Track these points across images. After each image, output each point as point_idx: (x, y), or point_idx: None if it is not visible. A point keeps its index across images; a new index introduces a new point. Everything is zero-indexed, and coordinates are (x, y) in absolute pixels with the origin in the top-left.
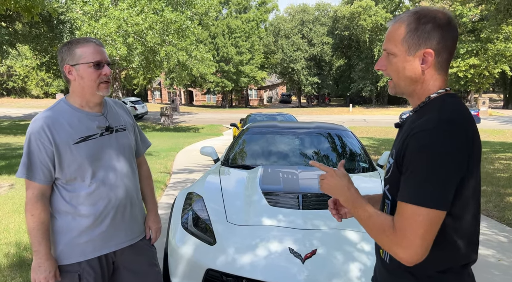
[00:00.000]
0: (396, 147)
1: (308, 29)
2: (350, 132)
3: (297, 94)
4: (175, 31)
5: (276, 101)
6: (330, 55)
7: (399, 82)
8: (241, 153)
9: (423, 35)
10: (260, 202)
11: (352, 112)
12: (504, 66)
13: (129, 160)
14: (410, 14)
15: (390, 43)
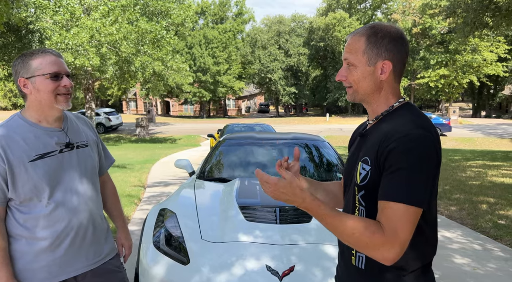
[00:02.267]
0: (370, 154)
1: (284, 40)
2: (326, 142)
3: (275, 104)
4: (150, 41)
5: (255, 111)
6: (307, 65)
7: (358, 90)
8: (218, 165)
9: (381, 48)
10: (237, 217)
11: (329, 121)
12: (472, 76)
13: (91, 178)
14: (368, 28)
15: (350, 54)
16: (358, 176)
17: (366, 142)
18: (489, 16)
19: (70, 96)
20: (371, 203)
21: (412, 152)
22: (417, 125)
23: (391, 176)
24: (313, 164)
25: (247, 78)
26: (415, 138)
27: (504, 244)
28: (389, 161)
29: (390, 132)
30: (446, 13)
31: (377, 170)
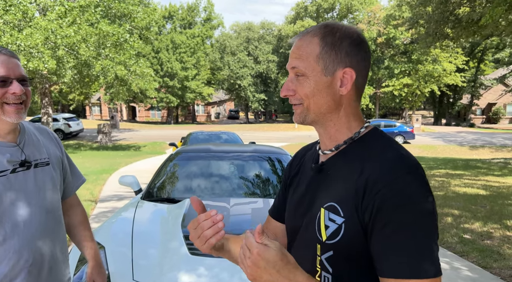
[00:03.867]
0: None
1: (253, 46)
2: (289, 156)
3: (245, 110)
4: (112, 45)
5: (224, 117)
6: (276, 72)
7: (311, 108)
8: (167, 183)
9: (341, 52)
10: (179, 250)
11: (298, 128)
12: (433, 85)
13: (51, 204)
14: (322, 27)
15: (300, 61)
16: (322, 230)
17: (326, 180)
18: (450, 27)
19: (24, 106)
20: (342, 268)
21: (413, 200)
22: (408, 166)
23: (396, 239)
24: (274, 179)
25: (216, 84)
26: (413, 182)
27: (471, 261)
28: (384, 216)
29: (373, 175)
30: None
31: (357, 225)
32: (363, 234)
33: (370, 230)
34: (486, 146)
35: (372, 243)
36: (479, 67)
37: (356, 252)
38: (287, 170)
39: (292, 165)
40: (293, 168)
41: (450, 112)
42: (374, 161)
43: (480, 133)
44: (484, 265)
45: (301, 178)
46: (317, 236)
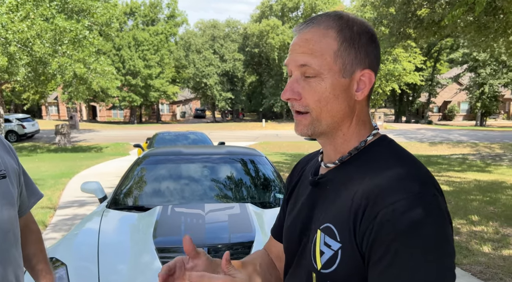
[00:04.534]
0: (337, 222)
1: (219, 45)
2: (264, 157)
3: (212, 109)
4: (70, 41)
5: (190, 117)
6: (242, 71)
7: (323, 117)
8: (135, 189)
9: (361, 50)
10: (152, 265)
11: (265, 127)
12: (394, 84)
13: (9, 222)
14: (336, 17)
15: (313, 58)
16: (317, 257)
17: (324, 196)
18: (412, 27)
19: None
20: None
21: (423, 227)
22: (418, 184)
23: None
24: (250, 183)
25: (181, 83)
26: (425, 203)
27: None
28: (383, 243)
29: (374, 193)
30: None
31: (356, 251)
32: (362, 262)
33: (368, 258)
34: (444, 142)
35: (370, 276)
36: (436, 67)
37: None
38: (287, 183)
39: (292, 177)
40: (292, 181)
41: (410, 110)
42: (376, 176)
43: (438, 130)
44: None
45: (299, 192)
46: (312, 263)
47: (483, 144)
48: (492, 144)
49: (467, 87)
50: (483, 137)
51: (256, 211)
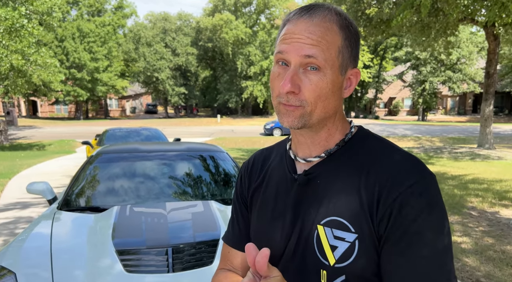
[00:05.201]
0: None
1: (171, 38)
2: (225, 153)
3: (164, 104)
4: (5, 31)
5: (141, 112)
6: (196, 66)
7: (317, 112)
8: (89, 189)
9: (355, 49)
10: (113, 268)
11: (221, 123)
12: None
13: None
14: (335, 13)
15: (320, 51)
16: (328, 252)
17: (316, 192)
18: (362, 26)
19: None
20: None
21: (433, 207)
22: (418, 164)
23: (416, 252)
24: (212, 180)
25: (131, 77)
26: (430, 185)
27: None
28: (402, 225)
29: (387, 180)
30: None
31: (373, 239)
32: (378, 248)
33: (385, 241)
34: (390, 136)
35: (388, 255)
36: (382, 65)
37: (372, 270)
38: (245, 183)
39: (251, 175)
40: (253, 179)
41: (358, 105)
42: (384, 164)
43: (384, 125)
44: None
45: (269, 191)
46: (320, 261)
47: (425, 137)
48: (433, 137)
49: (410, 84)
50: (425, 131)
51: (220, 208)
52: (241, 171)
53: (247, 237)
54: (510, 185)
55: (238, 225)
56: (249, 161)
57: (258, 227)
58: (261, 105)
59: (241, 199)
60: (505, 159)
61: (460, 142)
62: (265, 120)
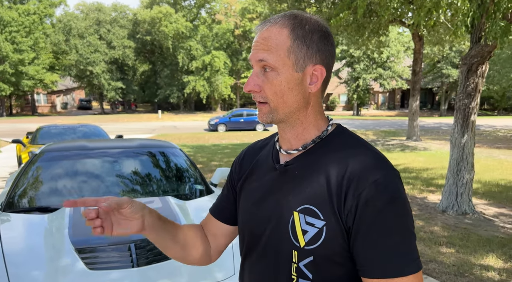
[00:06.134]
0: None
1: (106, 30)
2: (179, 149)
3: (99, 100)
4: None
5: (74, 108)
6: (133, 59)
7: (279, 107)
8: (35, 188)
9: (312, 46)
10: (74, 267)
11: (162, 118)
12: None
13: None
14: (290, 17)
15: (269, 54)
16: (299, 235)
17: (294, 181)
18: None
19: None
20: (324, 272)
21: (396, 200)
22: (388, 164)
23: (383, 239)
24: (167, 176)
25: (62, 70)
26: (393, 180)
27: None
28: (369, 216)
29: (355, 174)
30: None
31: (339, 226)
32: (346, 235)
33: (355, 230)
34: None
35: (358, 243)
36: None
37: (338, 254)
38: (236, 169)
39: (242, 164)
40: (244, 167)
41: None
42: (354, 160)
43: None
44: None
45: (256, 178)
46: (292, 242)
47: (360, 131)
48: (367, 131)
49: (345, 81)
50: (360, 125)
51: (179, 204)
52: (235, 159)
53: (224, 209)
54: (435, 173)
55: (221, 199)
56: (243, 151)
57: (245, 208)
58: (204, 100)
59: (230, 182)
60: (430, 150)
61: (391, 135)
62: (209, 116)
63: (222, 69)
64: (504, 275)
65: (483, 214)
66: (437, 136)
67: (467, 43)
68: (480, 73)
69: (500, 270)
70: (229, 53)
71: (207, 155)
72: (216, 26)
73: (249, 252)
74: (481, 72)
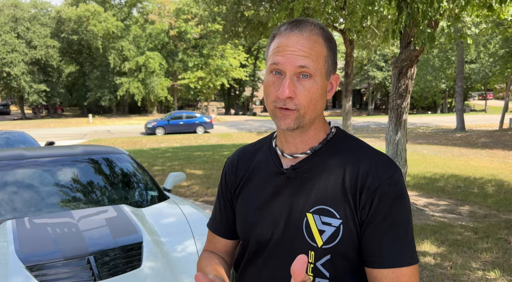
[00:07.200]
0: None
1: (24, 28)
2: (126, 155)
3: (19, 104)
4: None
5: None
6: (58, 60)
7: (308, 114)
8: None
9: (335, 57)
10: None
11: (93, 123)
12: (223, 79)
13: None
14: (319, 27)
15: (311, 61)
16: (316, 236)
17: (303, 184)
18: (242, 27)
19: None
20: (340, 270)
21: (403, 196)
22: (391, 162)
23: (393, 232)
24: (116, 182)
25: None
26: (400, 178)
27: None
28: (382, 211)
29: (368, 173)
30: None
31: (354, 223)
32: (359, 230)
33: (366, 225)
34: (268, 131)
35: (369, 236)
36: (256, 64)
37: (354, 250)
38: (230, 178)
39: (237, 172)
40: (239, 174)
41: (237, 103)
42: (364, 160)
43: (262, 120)
44: None
45: (257, 184)
46: (308, 243)
47: None
48: None
49: None
50: None
51: (135, 212)
52: (226, 166)
53: (229, 225)
54: None
55: (222, 215)
56: (233, 157)
57: (246, 215)
58: (139, 103)
59: (225, 192)
60: None
61: None
62: (145, 119)
63: (158, 70)
64: (439, 259)
65: (415, 205)
66: (367, 134)
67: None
68: (410, 76)
69: (435, 255)
70: (165, 54)
71: (147, 160)
72: (150, 26)
73: (253, 258)
74: (411, 75)
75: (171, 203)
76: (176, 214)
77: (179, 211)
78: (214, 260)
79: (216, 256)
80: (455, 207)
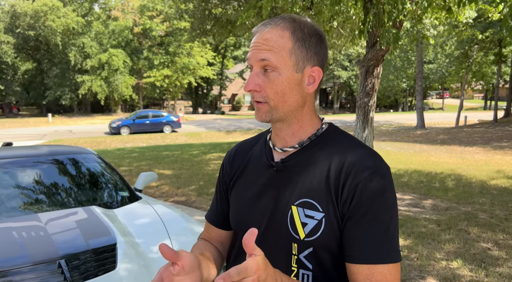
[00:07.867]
0: (316, 195)
1: None
2: (94, 155)
3: None
4: None
5: None
6: (13, 56)
7: (279, 106)
8: None
9: (310, 49)
10: None
11: (53, 123)
12: (190, 77)
13: None
14: (290, 20)
15: (272, 54)
16: (299, 228)
17: (291, 177)
18: (210, 25)
19: None
20: (323, 262)
21: (387, 193)
22: (378, 158)
23: (372, 228)
24: (85, 182)
25: None
26: (386, 174)
27: None
28: (362, 206)
29: (352, 168)
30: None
31: (336, 217)
32: (341, 224)
33: (347, 219)
34: (237, 130)
35: (348, 231)
36: (224, 62)
37: (336, 244)
38: (226, 170)
39: (233, 163)
40: (235, 167)
41: (205, 102)
42: (350, 156)
43: (231, 119)
44: None
45: (250, 176)
46: (292, 235)
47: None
48: None
49: None
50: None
51: (107, 213)
52: (224, 159)
53: (224, 216)
54: None
55: (217, 206)
56: (231, 150)
57: (239, 206)
58: (102, 102)
59: (222, 184)
60: None
61: None
62: (109, 119)
63: (122, 68)
64: (406, 251)
65: None
66: None
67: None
68: (376, 74)
69: (402, 247)
70: (129, 52)
71: (113, 160)
72: (113, 23)
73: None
74: (377, 74)
75: (143, 203)
76: (149, 214)
77: (152, 211)
78: (204, 245)
79: (208, 244)
80: (419, 201)
